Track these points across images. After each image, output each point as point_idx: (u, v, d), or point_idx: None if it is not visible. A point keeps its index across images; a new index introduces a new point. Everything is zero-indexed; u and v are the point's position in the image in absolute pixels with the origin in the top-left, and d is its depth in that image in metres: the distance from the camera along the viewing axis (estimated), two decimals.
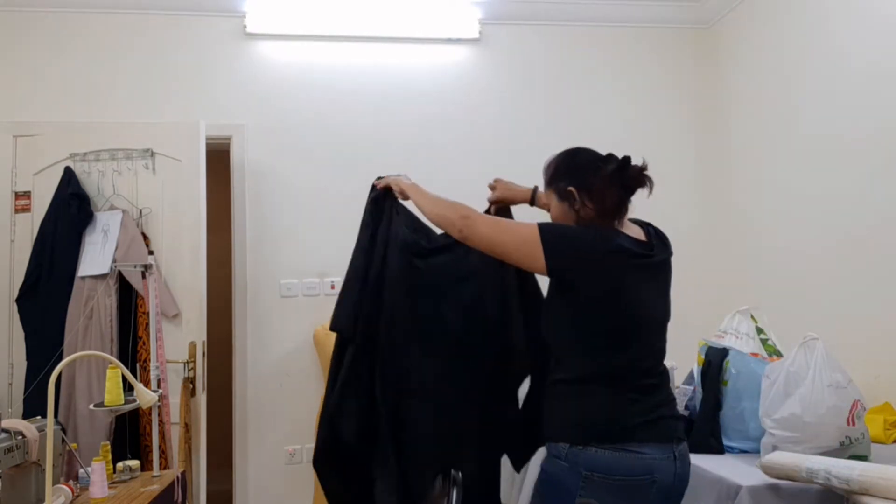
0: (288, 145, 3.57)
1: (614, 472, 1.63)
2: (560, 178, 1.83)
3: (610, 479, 1.63)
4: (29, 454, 1.97)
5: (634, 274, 1.72)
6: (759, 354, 2.35)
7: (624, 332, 1.71)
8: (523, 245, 1.70)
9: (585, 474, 1.64)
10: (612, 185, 1.76)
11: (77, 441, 2.88)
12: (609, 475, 1.63)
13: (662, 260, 1.83)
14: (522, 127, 3.75)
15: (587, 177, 1.78)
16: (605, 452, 1.64)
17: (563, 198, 1.80)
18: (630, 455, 1.64)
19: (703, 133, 3.86)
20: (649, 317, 1.76)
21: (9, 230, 3.17)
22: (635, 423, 1.67)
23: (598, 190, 1.76)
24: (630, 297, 1.71)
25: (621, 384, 1.69)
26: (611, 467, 1.63)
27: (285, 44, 3.60)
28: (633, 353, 1.71)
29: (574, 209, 1.78)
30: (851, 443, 1.94)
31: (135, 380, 2.07)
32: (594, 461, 1.64)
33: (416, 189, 2.06)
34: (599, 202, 1.76)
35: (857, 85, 2.79)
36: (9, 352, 3.11)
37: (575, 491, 1.65)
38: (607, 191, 1.76)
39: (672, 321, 4.01)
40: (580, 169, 1.82)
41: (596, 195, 1.76)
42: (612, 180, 1.76)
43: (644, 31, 3.86)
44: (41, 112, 3.38)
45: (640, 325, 1.73)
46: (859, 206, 2.77)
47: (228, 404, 3.51)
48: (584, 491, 1.64)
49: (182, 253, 3.17)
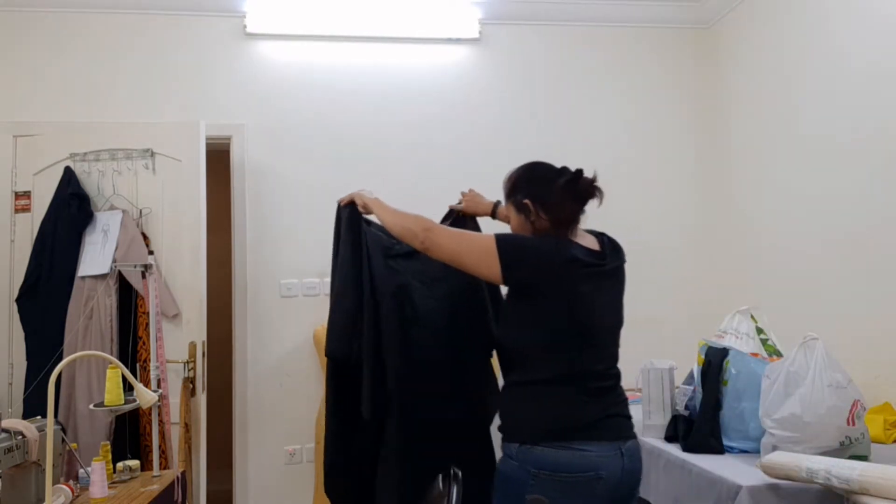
0: (288, 145, 3.57)
1: (560, 469, 1.72)
2: (517, 192, 1.91)
3: (556, 475, 1.72)
4: (29, 454, 1.97)
5: (587, 282, 1.81)
6: (759, 354, 2.35)
7: (576, 338, 1.80)
8: (481, 256, 1.79)
9: (533, 472, 1.73)
10: (565, 197, 1.85)
11: (77, 441, 2.88)
12: (555, 472, 1.72)
13: (615, 268, 1.93)
14: (522, 127, 3.75)
15: (542, 190, 1.87)
16: (551, 451, 1.73)
17: (521, 210, 1.89)
18: (575, 453, 1.73)
19: (703, 133, 3.87)
20: (601, 323, 1.87)
21: (9, 230, 3.17)
22: (583, 423, 1.76)
23: (553, 202, 1.85)
24: (583, 304, 1.80)
25: (572, 387, 1.78)
26: (556, 465, 1.73)
27: (285, 44, 3.60)
28: (585, 357, 1.81)
29: (530, 221, 1.87)
30: (851, 443, 1.94)
31: (135, 380, 2.07)
32: (541, 459, 1.73)
33: (377, 203, 2.11)
34: (553, 214, 1.85)
35: (857, 85, 2.79)
36: (9, 352, 3.11)
37: (524, 488, 1.74)
38: (560, 203, 1.85)
39: (672, 321, 4.04)
40: (536, 182, 1.90)
41: (550, 207, 1.85)
42: (565, 193, 1.85)
43: (644, 31, 3.86)
44: (41, 112, 3.38)
45: (591, 332, 1.83)
46: (859, 206, 2.77)
47: (228, 404, 3.51)
48: (533, 488, 1.73)
49: (182, 253, 3.17)
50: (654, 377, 2.44)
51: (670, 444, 2.34)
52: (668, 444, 2.34)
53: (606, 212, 4.09)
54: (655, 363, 2.46)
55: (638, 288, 3.76)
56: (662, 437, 2.40)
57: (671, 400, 2.44)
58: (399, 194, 3.59)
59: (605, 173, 3.96)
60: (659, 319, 3.76)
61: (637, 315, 3.71)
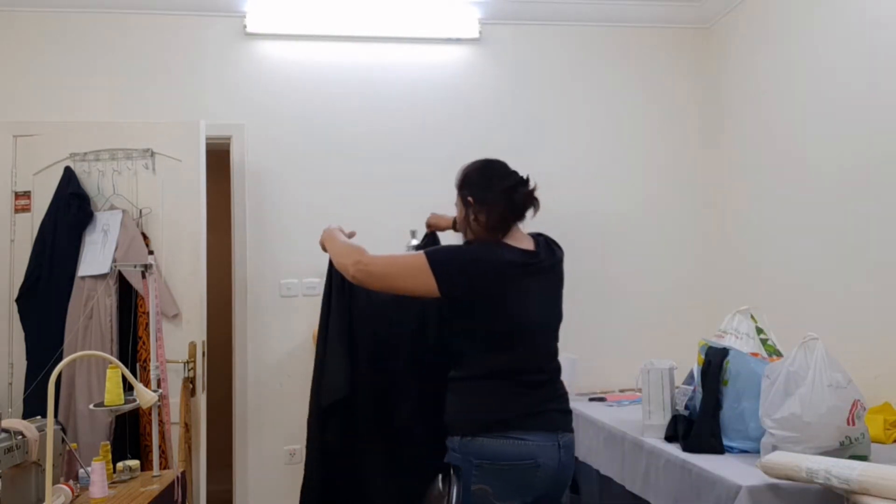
0: (288, 145, 3.57)
1: (501, 458, 1.82)
2: (465, 187, 2.04)
3: (497, 464, 1.82)
4: (29, 454, 1.97)
5: (519, 283, 1.91)
6: (759, 354, 2.34)
7: (509, 335, 1.91)
8: (416, 274, 1.88)
9: (476, 462, 1.83)
10: (500, 202, 1.96)
11: (77, 441, 2.88)
12: (496, 461, 1.82)
13: (550, 265, 2.01)
14: (522, 126, 3.75)
15: (484, 191, 1.98)
16: (491, 441, 1.82)
17: (465, 206, 2.02)
18: (514, 442, 1.82)
19: (703, 132, 3.87)
20: (535, 321, 1.96)
21: (9, 230, 3.17)
22: (519, 413, 1.85)
23: (489, 205, 1.96)
24: (514, 304, 1.91)
25: (508, 381, 1.89)
26: (497, 454, 1.82)
27: (285, 44, 3.60)
28: (519, 353, 1.91)
29: (472, 217, 1.99)
30: (851, 443, 1.94)
31: (135, 380, 2.07)
32: (482, 450, 1.82)
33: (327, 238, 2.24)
34: (488, 216, 1.96)
35: (856, 84, 2.79)
36: (9, 352, 3.11)
37: (469, 479, 1.83)
38: (495, 207, 1.96)
39: (672, 321, 4.04)
40: (481, 183, 2.01)
41: (486, 209, 1.96)
42: (502, 198, 1.96)
43: (644, 31, 3.86)
44: (41, 112, 3.38)
45: (524, 329, 1.93)
46: (860, 206, 2.77)
47: (228, 404, 3.51)
48: (477, 478, 1.82)
49: (182, 253, 3.17)
50: (654, 377, 2.44)
51: (670, 444, 2.33)
52: (668, 444, 2.34)
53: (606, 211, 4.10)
54: (655, 363, 2.46)
55: (638, 288, 3.80)
56: (662, 436, 2.40)
57: (671, 400, 2.44)
58: (399, 194, 3.62)
59: (605, 173, 4.00)
60: (659, 319, 3.76)
61: (637, 315, 3.76)
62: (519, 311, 1.92)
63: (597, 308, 3.70)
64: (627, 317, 3.76)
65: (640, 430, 2.51)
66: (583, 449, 2.96)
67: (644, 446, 2.43)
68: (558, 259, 2.06)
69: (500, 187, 1.97)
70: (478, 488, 1.82)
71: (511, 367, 1.90)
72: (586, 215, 3.76)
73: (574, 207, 3.73)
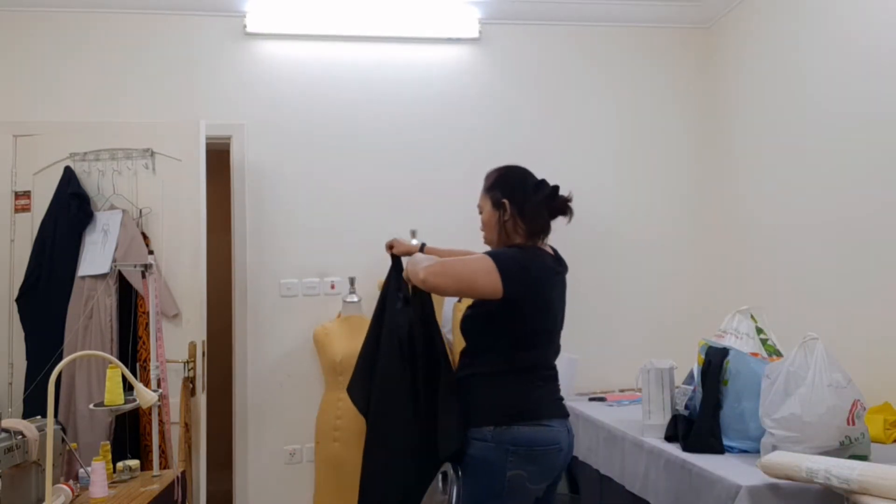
0: (288, 145, 3.57)
1: (535, 444, 1.94)
2: (497, 188, 2.12)
3: (533, 450, 1.94)
4: (29, 454, 1.97)
5: (554, 290, 2.07)
6: (759, 354, 2.34)
7: (538, 335, 2.04)
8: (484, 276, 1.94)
9: (512, 449, 1.92)
10: (542, 210, 2.08)
11: (77, 441, 2.88)
12: (532, 447, 1.94)
13: (565, 276, 2.17)
14: (522, 126, 3.75)
15: (521, 196, 2.09)
16: (526, 428, 1.95)
17: (497, 206, 2.10)
18: (545, 429, 1.97)
19: (703, 132, 3.87)
20: (558, 323, 2.11)
21: (9, 230, 3.17)
22: (544, 402, 2.02)
23: (530, 212, 2.07)
24: (552, 308, 2.06)
25: (531, 375, 2.02)
26: (532, 440, 1.94)
27: (285, 43, 3.60)
28: (541, 351, 2.06)
29: (503, 219, 2.08)
30: (851, 443, 1.94)
31: (135, 379, 2.07)
32: (518, 437, 1.93)
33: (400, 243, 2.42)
34: (529, 223, 2.07)
35: (856, 84, 2.79)
36: (9, 352, 3.11)
37: (504, 466, 1.92)
38: (537, 215, 2.08)
39: (672, 321, 4.04)
40: (517, 187, 2.11)
41: (527, 216, 2.07)
42: (542, 206, 2.08)
43: (644, 30, 3.86)
44: (41, 112, 3.38)
45: (550, 330, 2.08)
46: (860, 206, 2.77)
47: (228, 404, 3.51)
48: (513, 464, 1.92)
49: (182, 253, 3.17)
50: (654, 377, 2.44)
51: (670, 444, 2.33)
52: (667, 444, 2.34)
53: (606, 212, 4.10)
54: (655, 363, 2.46)
55: (638, 288, 3.80)
56: (662, 436, 2.40)
57: (671, 400, 2.44)
58: (399, 194, 3.62)
59: (605, 172, 4.00)
60: (659, 319, 3.77)
61: (637, 315, 3.76)
62: (551, 313, 2.06)
63: (597, 308, 3.70)
64: (627, 317, 3.76)
65: (640, 430, 2.51)
66: (583, 449, 2.96)
67: (644, 446, 2.43)
68: (566, 267, 2.20)
69: (541, 196, 2.08)
70: (514, 474, 1.92)
71: (533, 363, 2.03)
72: (586, 215, 3.74)
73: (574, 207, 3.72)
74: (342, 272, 3.53)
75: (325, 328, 3.37)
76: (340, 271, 3.54)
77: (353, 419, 3.26)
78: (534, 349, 2.04)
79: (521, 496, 1.95)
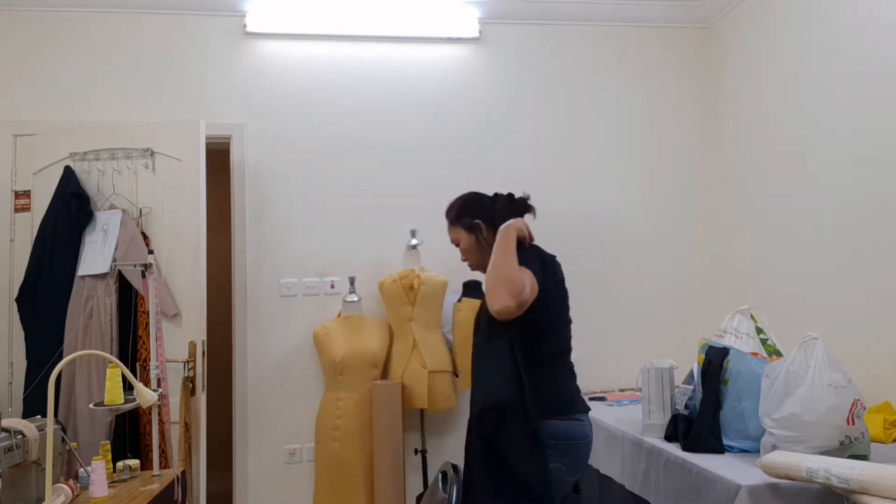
0: (288, 145, 3.57)
1: (572, 437, 2.02)
2: (465, 216, 2.26)
3: (571, 443, 2.01)
4: (29, 453, 1.97)
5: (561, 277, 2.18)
6: (759, 354, 2.35)
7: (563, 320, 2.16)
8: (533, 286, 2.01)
9: (552, 443, 1.98)
10: (509, 216, 2.17)
11: (77, 440, 2.88)
12: (570, 440, 2.01)
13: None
14: (522, 126, 3.75)
15: (488, 213, 2.23)
16: (563, 423, 2.01)
17: (472, 230, 2.24)
18: (579, 423, 2.04)
19: (703, 132, 3.87)
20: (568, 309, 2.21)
21: (9, 230, 3.17)
22: (575, 396, 2.09)
23: (500, 223, 2.14)
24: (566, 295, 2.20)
25: (564, 367, 2.13)
26: (569, 434, 2.01)
27: (285, 43, 3.60)
28: (563, 337, 2.16)
29: (482, 238, 2.22)
30: (851, 442, 1.94)
31: (135, 379, 2.07)
32: (556, 431, 2.00)
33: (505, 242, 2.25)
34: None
35: (855, 84, 2.79)
36: (9, 351, 3.11)
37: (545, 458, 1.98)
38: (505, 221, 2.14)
39: (672, 321, 4.02)
40: (479, 208, 2.26)
41: (498, 226, 2.13)
42: (508, 213, 2.18)
43: (644, 30, 3.86)
44: (41, 112, 3.38)
45: (568, 319, 2.19)
46: (859, 205, 2.77)
47: (228, 404, 3.51)
48: (552, 457, 1.98)
49: (182, 253, 3.17)
50: (654, 377, 2.44)
51: (670, 444, 2.34)
52: (667, 444, 2.34)
53: (606, 211, 4.09)
54: (655, 363, 2.46)
55: (638, 287, 3.80)
56: (662, 436, 2.40)
57: (671, 399, 2.44)
58: (399, 193, 3.62)
59: (605, 172, 3.99)
60: (659, 319, 3.76)
61: (637, 314, 3.76)
62: (566, 303, 2.19)
63: (597, 308, 3.70)
64: (627, 317, 3.76)
65: (640, 430, 2.51)
66: None
67: (644, 446, 2.43)
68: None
69: (501, 205, 2.23)
70: (554, 466, 1.98)
71: (562, 348, 2.14)
72: (586, 215, 3.76)
73: (574, 207, 3.74)
74: (342, 272, 3.53)
75: (326, 328, 3.37)
76: (340, 271, 3.54)
77: (353, 419, 3.26)
78: (557, 336, 2.13)
79: (560, 488, 2.01)
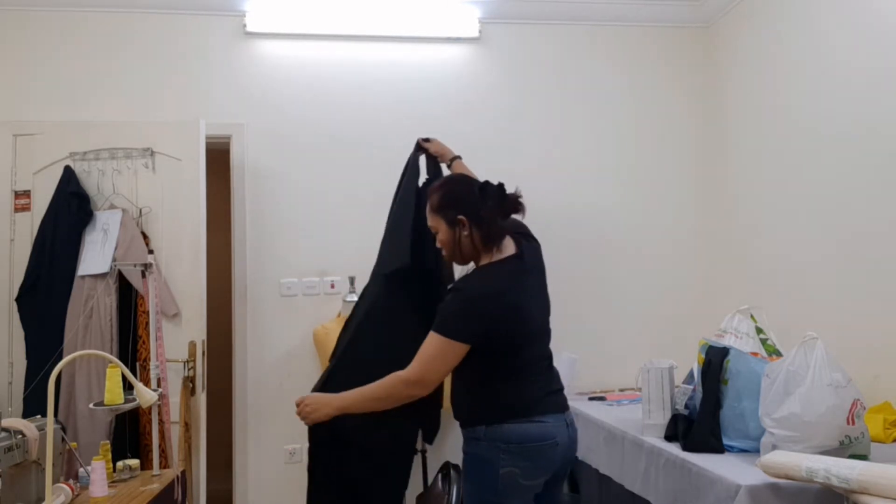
0: (288, 144, 3.57)
1: (527, 440, 1.95)
2: (449, 207, 2.07)
3: (524, 446, 1.95)
4: (29, 453, 1.97)
5: (523, 293, 2.03)
6: (759, 354, 2.35)
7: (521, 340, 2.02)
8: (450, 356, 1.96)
9: (503, 447, 1.95)
10: (495, 217, 2.03)
11: (77, 440, 2.88)
12: (523, 443, 1.95)
13: (534, 262, 2.13)
14: (522, 126, 3.74)
15: (474, 209, 2.03)
16: (517, 426, 1.96)
17: (453, 225, 2.06)
18: (537, 424, 1.97)
19: (703, 132, 3.86)
20: (537, 321, 2.09)
21: (9, 229, 3.16)
22: (536, 398, 2.01)
23: (486, 221, 2.02)
24: (527, 313, 2.03)
25: (522, 372, 2.02)
26: (523, 437, 1.95)
27: (285, 43, 3.60)
28: (528, 351, 2.04)
29: (463, 234, 2.05)
30: (851, 442, 1.94)
31: (134, 379, 2.07)
32: (509, 434, 1.95)
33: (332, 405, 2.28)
34: (486, 232, 2.03)
35: (856, 84, 2.79)
36: (9, 351, 3.11)
37: (497, 463, 1.95)
38: (491, 222, 2.03)
39: (672, 321, 4.03)
40: (467, 200, 2.05)
41: (483, 226, 2.03)
42: (496, 212, 2.03)
43: (644, 30, 3.86)
44: (41, 111, 3.37)
45: (532, 333, 2.07)
46: (859, 205, 2.77)
47: (228, 404, 3.51)
48: (505, 461, 1.94)
49: (182, 252, 3.17)
50: (654, 376, 2.44)
51: (670, 444, 2.34)
52: (667, 444, 2.34)
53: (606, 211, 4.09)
54: (655, 363, 2.46)
55: (638, 287, 3.80)
56: (662, 436, 2.40)
57: (671, 399, 2.44)
58: None
59: (604, 172, 3.99)
60: (659, 319, 3.76)
61: (637, 315, 3.76)
62: (526, 318, 2.04)
63: (597, 308, 3.70)
64: (627, 317, 3.76)
65: (640, 430, 2.51)
66: (582, 448, 2.95)
67: (644, 445, 2.43)
68: (536, 250, 2.17)
69: (490, 201, 2.02)
70: (507, 471, 1.94)
71: (523, 363, 2.03)
72: (586, 215, 3.76)
73: (574, 207, 3.73)
74: (342, 272, 3.53)
75: (326, 328, 3.37)
76: (340, 271, 3.54)
77: None
78: (521, 351, 2.03)
79: (516, 493, 1.97)
